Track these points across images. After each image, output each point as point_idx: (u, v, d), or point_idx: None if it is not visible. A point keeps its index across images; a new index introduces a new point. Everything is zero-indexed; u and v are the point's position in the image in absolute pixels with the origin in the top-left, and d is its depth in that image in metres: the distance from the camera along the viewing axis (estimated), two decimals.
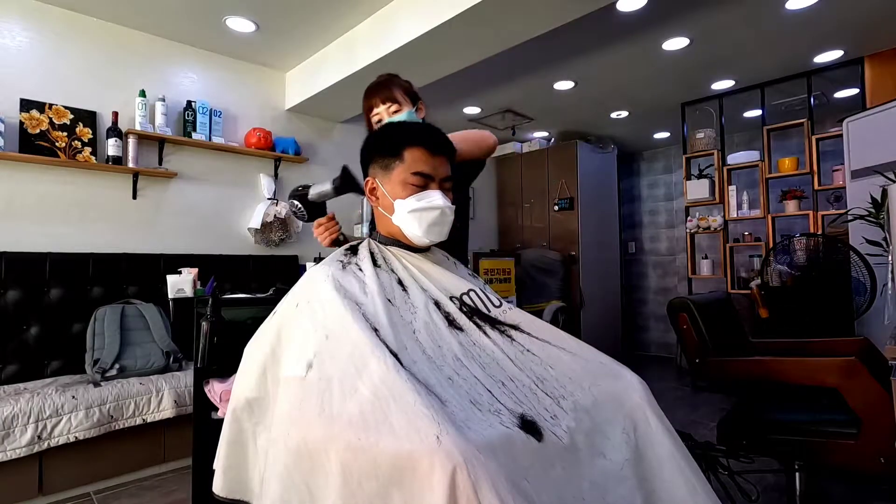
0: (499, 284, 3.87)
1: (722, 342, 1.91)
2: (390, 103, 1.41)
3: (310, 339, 0.89)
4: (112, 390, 2.19)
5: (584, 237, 4.63)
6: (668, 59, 3.30)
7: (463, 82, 3.50)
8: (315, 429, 0.78)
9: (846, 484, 2.08)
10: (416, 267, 1.08)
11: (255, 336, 1.01)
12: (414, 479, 0.68)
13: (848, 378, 1.51)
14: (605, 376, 0.97)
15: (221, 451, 1.00)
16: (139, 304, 2.63)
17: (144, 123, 2.83)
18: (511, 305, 1.09)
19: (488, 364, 0.95)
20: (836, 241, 2.68)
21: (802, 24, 2.86)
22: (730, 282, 3.85)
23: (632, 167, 5.74)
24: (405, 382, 0.77)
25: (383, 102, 1.40)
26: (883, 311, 2.09)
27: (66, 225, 2.65)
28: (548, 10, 2.30)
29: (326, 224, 1.28)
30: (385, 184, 1.07)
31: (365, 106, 1.44)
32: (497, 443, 0.74)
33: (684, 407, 3.43)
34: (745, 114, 4.32)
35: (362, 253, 1.07)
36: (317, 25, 2.89)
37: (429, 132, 1.08)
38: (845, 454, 1.51)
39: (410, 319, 0.97)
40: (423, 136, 1.07)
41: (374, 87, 1.44)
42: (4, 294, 2.42)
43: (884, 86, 3.17)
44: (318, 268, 1.02)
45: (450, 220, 1.07)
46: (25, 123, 2.50)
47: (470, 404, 0.82)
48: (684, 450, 0.92)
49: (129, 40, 2.90)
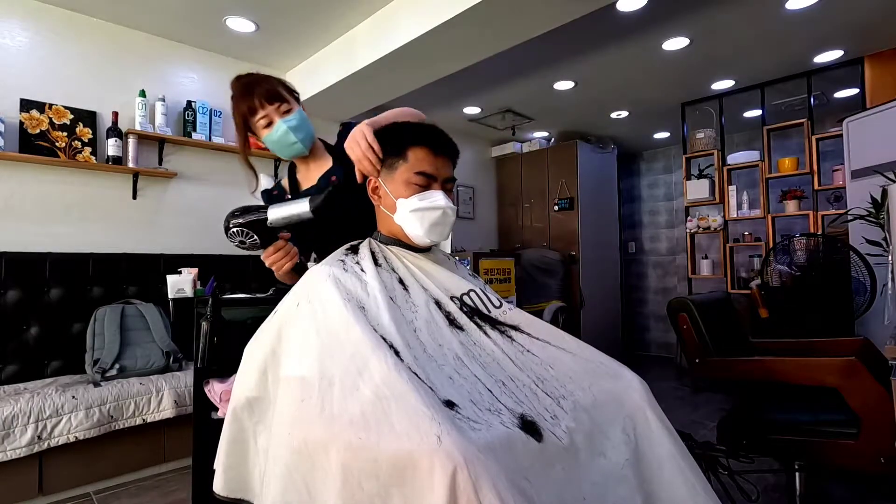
0: (499, 284, 3.86)
1: (722, 342, 1.90)
2: (279, 103, 1.22)
3: (310, 339, 0.89)
4: (112, 390, 2.19)
5: (584, 237, 4.63)
6: (668, 59, 3.30)
7: (463, 82, 3.50)
8: (315, 428, 0.78)
9: (846, 484, 2.09)
10: (417, 266, 1.08)
11: (256, 335, 1.01)
12: (414, 479, 0.68)
13: (848, 378, 1.51)
14: (606, 376, 0.97)
15: (222, 450, 1.00)
16: (139, 304, 2.63)
17: (144, 123, 2.83)
18: (511, 306, 1.09)
19: (489, 364, 0.95)
20: (836, 241, 2.68)
21: (802, 24, 2.86)
22: (730, 282, 3.85)
23: (632, 167, 5.74)
24: (406, 382, 0.77)
25: (270, 102, 1.21)
26: (883, 311, 2.09)
27: (66, 225, 2.65)
28: (548, 10, 2.30)
29: (286, 248, 1.15)
30: (388, 183, 1.07)
31: (242, 108, 1.21)
32: (497, 443, 0.74)
33: (684, 407, 3.43)
34: (745, 114, 4.32)
35: (363, 252, 1.08)
36: (317, 25, 2.89)
37: (433, 132, 1.08)
38: (845, 454, 1.51)
39: (412, 318, 0.97)
40: (427, 136, 1.07)
41: (252, 86, 1.22)
42: (4, 294, 2.42)
43: (884, 86, 3.17)
44: (318, 267, 1.02)
45: (451, 221, 1.07)
46: (25, 123, 2.50)
47: (470, 404, 0.82)
48: (684, 450, 0.92)
49: (129, 40, 2.90)
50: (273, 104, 1.21)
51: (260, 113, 1.21)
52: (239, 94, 1.22)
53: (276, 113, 1.22)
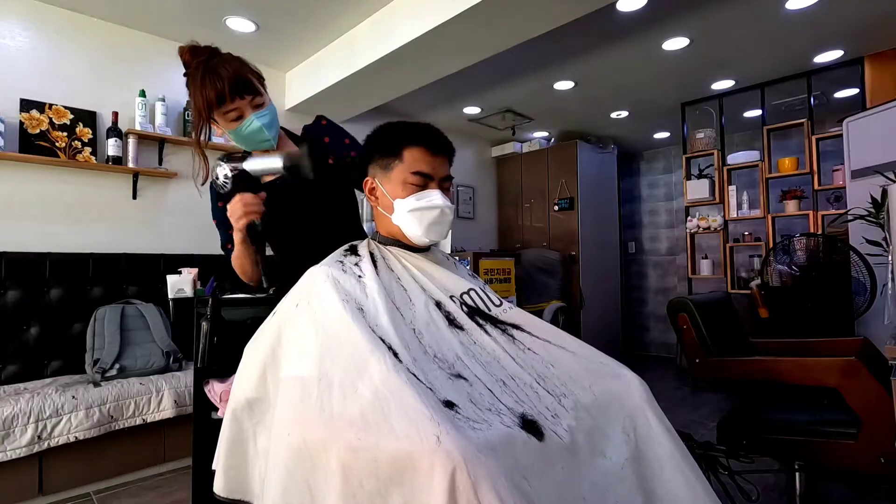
0: (499, 284, 3.86)
1: (722, 342, 1.90)
2: (251, 95, 1.10)
3: (310, 340, 0.89)
4: (112, 390, 2.19)
5: (584, 237, 4.63)
6: (668, 59, 3.30)
7: (463, 82, 3.50)
8: (315, 429, 0.78)
9: (846, 484, 2.08)
10: (416, 266, 1.08)
11: (255, 336, 1.01)
12: (414, 480, 0.68)
13: (848, 378, 1.51)
14: (606, 376, 0.97)
15: (221, 451, 1.00)
16: (139, 305, 2.63)
17: (144, 123, 2.83)
18: (511, 305, 1.10)
19: (489, 363, 0.95)
20: (836, 241, 2.68)
21: (802, 24, 2.86)
22: (730, 282, 3.85)
23: (632, 167, 5.74)
24: (405, 383, 0.77)
25: (241, 96, 1.09)
26: (883, 311, 2.09)
27: (66, 225, 2.65)
28: (548, 10, 2.30)
29: (254, 202, 1.07)
30: (385, 183, 1.07)
31: (208, 94, 1.06)
32: (497, 442, 0.74)
33: (684, 407, 3.43)
34: (745, 114, 4.32)
35: (362, 252, 1.08)
36: (317, 26, 2.89)
37: (429, 132, 1.08)
38: (845, 454, 1.51)
39: (411, 319, 0.97)
40: (423, 136, 1.06)
41: (218, 70, 1.06)
42: (4, 294, 2.42)
43: (884, 86, 3.17)
44: (317, 268, 1.01)
45: (449, 220, 1.07)
46: (25, 123, 2.50)
47: (470, 404, 0.82)
48: (684, 450, 0.92)
49: (129, 40, 2.90)
50: (244, 98, 1.10)
51: (230, 105, 1.09)
52: (202, 77, 1.07)
53: (249, 106, 1.11)
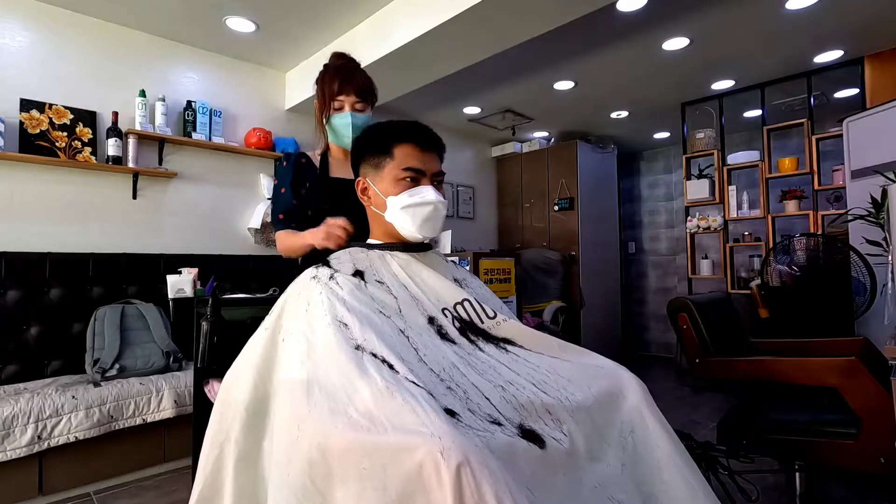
0: (499, 284, 3.86)
1: (722, 342, 1.90)
2: (360, 99, 1.38)
3: (301, 353, 0.89)
4: (112, 390, 2.19)
5: (584, 237, 4.63)
6: (668, 59, 3.30)
7: (463, 82, 3.49)
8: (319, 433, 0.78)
9: (846, 484, 2.08)
10: (409, 273, 1.07)
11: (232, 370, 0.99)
12: (419, 479, 0.68)
13: (848, 378, 1.51)
14: (603, 378, 0.97)
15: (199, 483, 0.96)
16: (139, 304, 2.63)
17: (144, 123, 2.83)
18: (506, 317, 1.06)
19: (486, 370, 0.94)
20: (836, 241, 2.68)
21: (802, 24, 2.86)
22: (730, 282, 3.85)
23: (632, 167, 5.74)
24: (405, 388, 0.78)
25: (353, 94, 1.37)
26: (883, 311, 2.09)
27: (66, 225, 2.65)
28: (548, 10, 2.30)
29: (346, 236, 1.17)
30: (376, 182, 1.07)
31: (332, 85, 1.37)
32: (500, 452, 0.73)
33: (684, 407, 3.43)
34: (745, 114, 4.31)
35: (347, 261, 1.06)
36: (317, 25, 2.89)
37: (418, 128, 1.08)
38: (845, 454, 1.50)
39: (403, 328, 0.96)
40: (412, 133, 1.07)
41: (351, 73, 1.40)
42: (4, 294, 2.42)
43: (884, 86, 3.17)
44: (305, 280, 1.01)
45: (443, 216, 1.07)
46: (25, 123, 2.50)
47: (469, 413, 0.81)
48: (683, 450, 0.91)
49: (129, 40, 2.90)
50: (354, 97, 1.37)
51: (342, 96, 1.36)
52: (334, 71, 1.39)
53: (349, 105, 1.37)
